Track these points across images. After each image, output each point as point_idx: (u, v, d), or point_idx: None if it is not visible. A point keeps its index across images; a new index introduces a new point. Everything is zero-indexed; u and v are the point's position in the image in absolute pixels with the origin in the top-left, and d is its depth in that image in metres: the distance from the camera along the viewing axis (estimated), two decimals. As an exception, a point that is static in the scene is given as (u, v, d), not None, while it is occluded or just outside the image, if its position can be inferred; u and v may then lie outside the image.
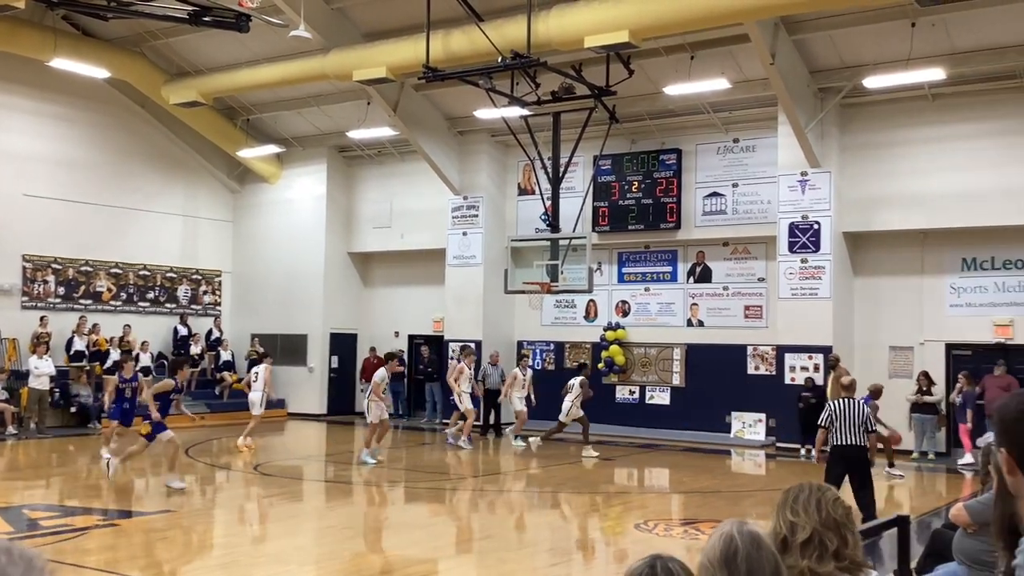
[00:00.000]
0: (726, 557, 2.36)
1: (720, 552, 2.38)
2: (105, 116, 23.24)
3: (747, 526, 2.42)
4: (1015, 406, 2.35)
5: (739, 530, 2.41)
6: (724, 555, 2.37)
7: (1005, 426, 2.35)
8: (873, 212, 18.32)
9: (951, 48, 16.58)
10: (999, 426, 2.38)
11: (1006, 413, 2.36)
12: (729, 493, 13.80)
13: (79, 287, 22.67)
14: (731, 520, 2.48)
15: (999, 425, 2.38)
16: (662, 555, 2.34)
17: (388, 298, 25.20)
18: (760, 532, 2.42)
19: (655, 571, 2.29)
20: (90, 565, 8.87)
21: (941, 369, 18.06)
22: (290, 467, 16.44)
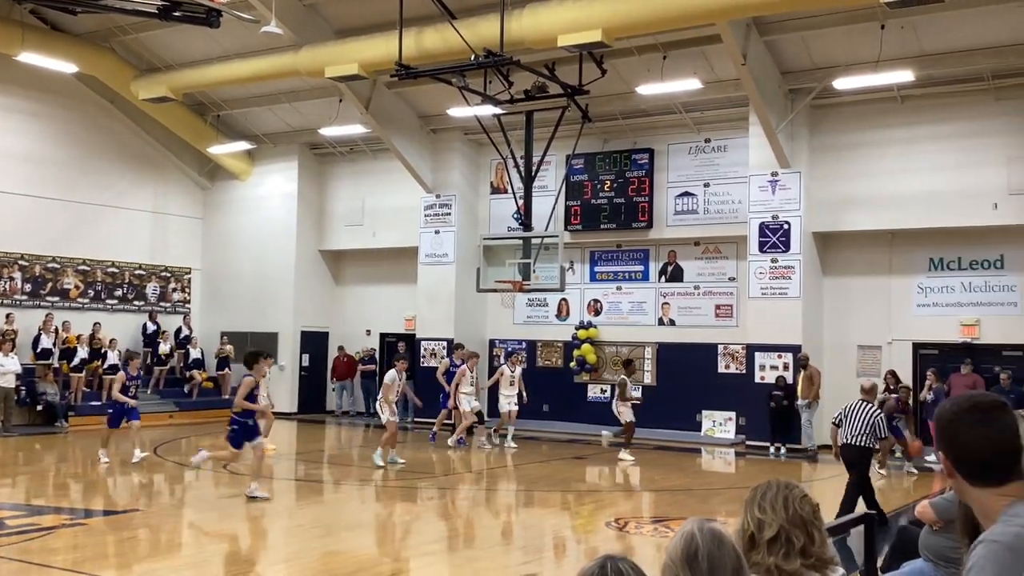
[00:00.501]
0: (688, 556, 2.38)
1: (682, 551, 2.39)
2: (74, 111, 22.97)
3: (708, 524, 2.44)
4: (948, 408, 2.40)
5: (700, 528, 2.43)
6: (686, 554, 2.38)
7: (940, 429, 2.41)
8: (842, 212, 18.49)
9: (920, 50, 16.76)
10: (936, 430, 2.43)
11: (941, 416, 2.41)
12: (699, 491, 13.88)
13: (46, 284, 22.41)
14: (693, 518, 2.50)
15: (936, 429, 2.43)
16: (613, 555, 2.34)
17: (360, 296, 25.11)
18: (721, 529, 2.44)
19: (605, 571, 2.29)
20: (57, 565, 8.77)
21: (908, 368, 18.26)
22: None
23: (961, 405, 2.39)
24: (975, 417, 2.35)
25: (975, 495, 2.37)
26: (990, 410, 2.35)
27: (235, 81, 20.90)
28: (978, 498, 2.37)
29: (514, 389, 18.74)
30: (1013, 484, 2.34)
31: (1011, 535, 2.22)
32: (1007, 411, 2.38)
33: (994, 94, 17.18)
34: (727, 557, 2.40)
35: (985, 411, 2.35)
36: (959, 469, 2.38)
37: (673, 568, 2.39)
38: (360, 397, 24.40)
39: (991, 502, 2.34)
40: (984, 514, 2.36)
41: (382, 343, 24.61)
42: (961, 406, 2.38)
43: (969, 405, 2.38)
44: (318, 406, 24.80)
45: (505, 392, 18.76)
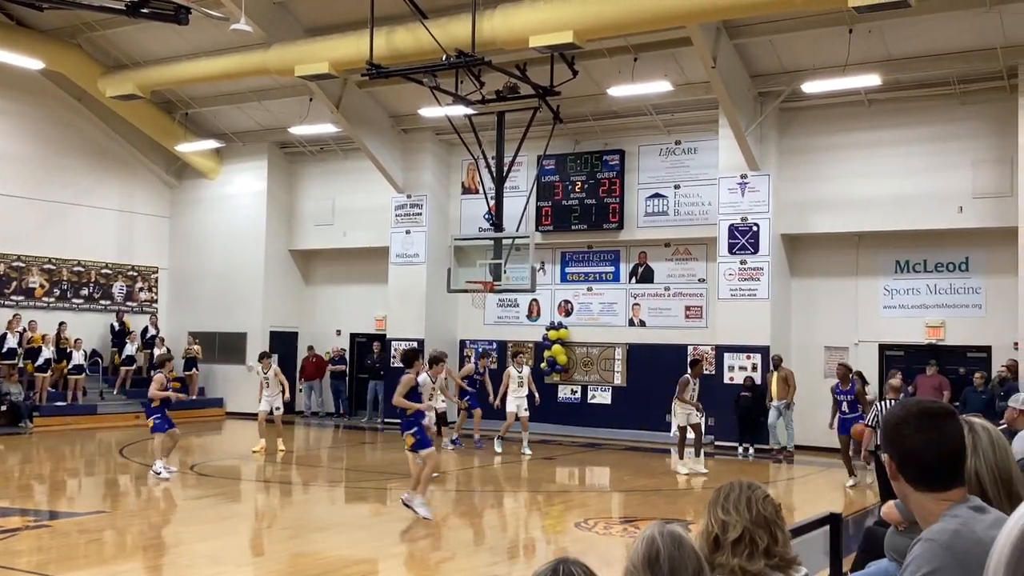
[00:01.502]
0: (649, 559, 2.40)
1: (643, 555, 2.41)
2: (39, 108, 22.68)
3: (668, 527, 2.47)
4: (896, 412, 2.43)
5: (660, 531, 2.45)
6: (647, 557, 2.40)
7: (886, 432, 2.43)
8: (810, 215, 18.65)
9: (887, 55, 16.94)
10: (882, 432, 2.46)
11: (888, 419, 2.44)
12: (669, 491, 13.94)
13: (11, 283, 22.11)
14: (654, 522, 2.53)
15: (882, 431, 2.46)
16: (567, 558, 2.36)
17: (330, 296, 24.99)
18: (681, 532, 2.47)
19: (557, 573, 2.30)
20: (20, 567, 8.66)
21: (875, 369, 18.46)
22: (228, 467, 16.21)
23: (909, 410, 2.41)
24: (922, 423, 2.37)
25: (916, 499, 2.40)
26: (937, 416, 2.38)
27: (204, 79, 20.72)
28: (919, 501, 2.40)
29: (523, 390, 18.03)
30: (954, 490, 2.37)
31: (949, 532, 2.25)
32: (955, 418, 2.42)
33: (960, 98, 17.41)
34: (688, 559, 2.42)
35: (932, 417, 2.38)
36: (903, 472, 2.41)
37: (635, 573, 2.42)
38: (329, 398, 24.29)
39: (932, 506, 2.37)
40: (923, 517, 2.40)
41: (352, 343, 24.51)
42: (909, 411, 2.41)
43: (917, 410, 2.41)
44: (287, 406, 24.59)
45: (515, 394, 17.94)
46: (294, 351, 24.87)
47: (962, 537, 2.23)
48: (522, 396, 17.95)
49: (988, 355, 17.49)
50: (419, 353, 12.54)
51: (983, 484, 2.62)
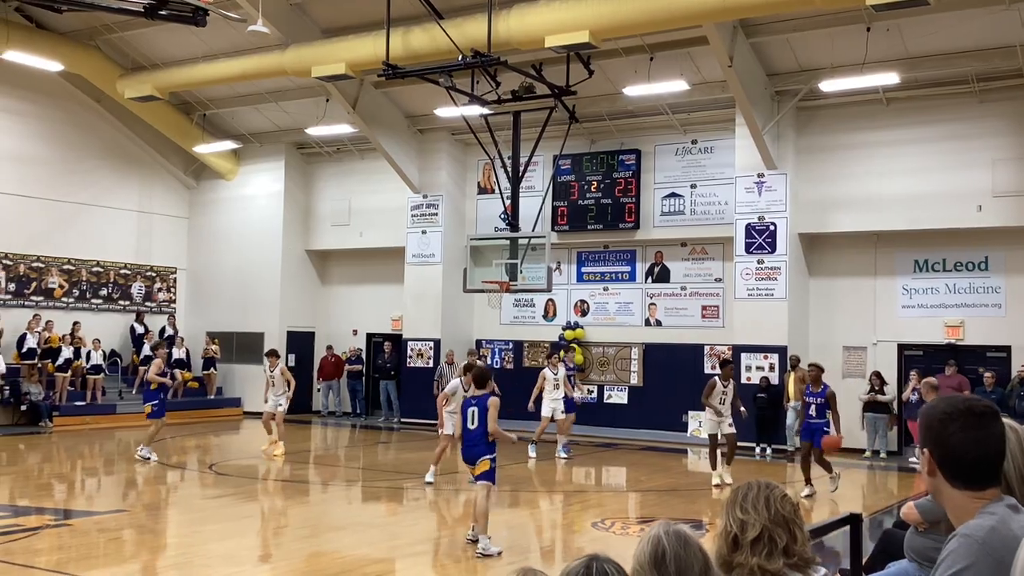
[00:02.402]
0: (655, 559, 2.40)
1: (649, 555, 2.41)
2: (59, 110, 22.85)
3: (674, 526, 2.47)
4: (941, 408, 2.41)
5: (666, 531, 2.45)
6: (653, 557, 2.40)
7: (929, 427, 2.42)
8: (828, 214, 18.56)
9: (905, 53, 16.84)
10: (923, 427, 2.44)
11: (932, 415, 2.42)
12: (686, 491, 13.91)
13: (30, 283, 22.27)
14: (660, 521, 2.53)
15: (923, 426, 2.44)
16: (599, 555, 2.34)
17: (346, 296, 25.06)
18: (687, 531, 2.47)
19: (591, 572, 2.29)
20: (40, 566, 8.72)
21: (893, 369, 18.36)
22: (245, 466, 16.28)
23: (956, 407, 2.40)
24: (969, 421, 2.36)
25: (952, 496, 2.39)
26: (983, 416, 2.37)
27: (221, 80, 20.82)
28: (954, 499, 2.38)
29: (560, 392, 17.33)
30: (991, 489, 2.36)
31: (986, 529, 2.24)
32: (999, 419, 2.41)
33: (979, 96, 17.28)
34: (693, 558, 2.42)
35: (979, 416, 2.37)
36: (943, 469, 2.39)
37: (641, 573, 2.41)
38: (346, 397, 24.36)
39: (967, 504, 2.36)
40: (957, 515, 2.38)
41: (368, 343, 24.57)
42: (956, 408, 2.39)
43: (964, 408, 2.39)
44: (304, 406, 24.73)
45: (551, 396, 17.29)
46: (311, 351, 24.96)
47: (998, 534, 2.22)
48: (558, 398, 17.31)
49: (1008, 355, 17.36)
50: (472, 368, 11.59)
51: (1010, 483, 2.61)
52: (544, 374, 17.56)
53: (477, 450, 9.78)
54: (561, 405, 17.32)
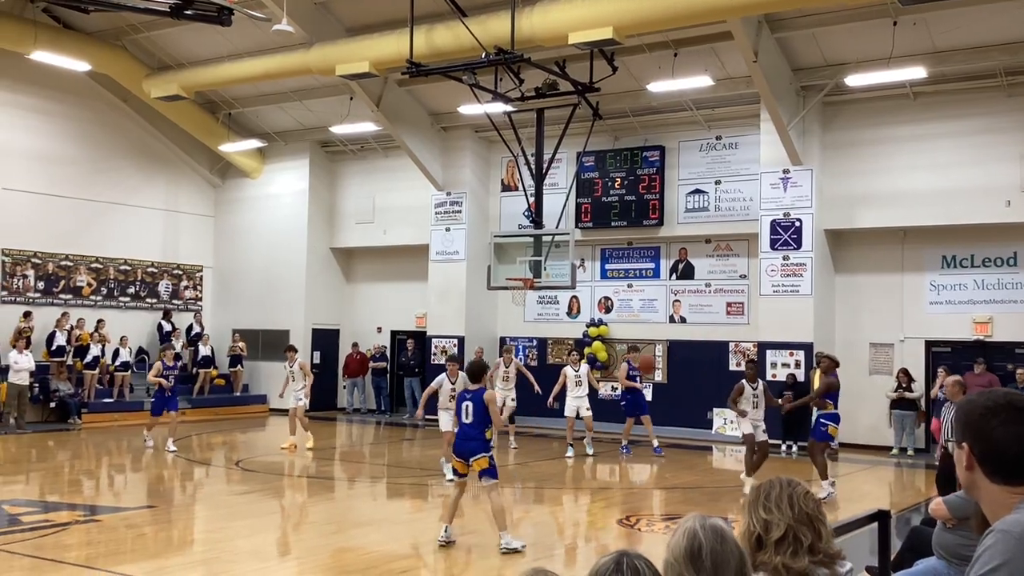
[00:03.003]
0: (691, 553, 2.35)
1: (685, 549, 2.36)
2: (86, 110, 23.07)
3: (710, 520, 2.42)
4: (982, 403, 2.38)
5: (702, 525, 2.40)
6: (689, 551, 2.35)
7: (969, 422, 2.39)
8: (854, 209, 18.43)
9: (932, 47, 16.69)
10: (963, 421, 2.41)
11: (972, 409, 2.39)
12: (711, 489, 13.86)
13: (59, 282, 22.52)
14: (693, 515, 2.46)
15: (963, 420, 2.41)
16: (628, 551, 2.30)
17: (371, 294, 25.16)
18: (723, 525, 2.41)
19: (621, 567, 2.25)
20: (70, 561, 8.83)
21: (921, 366, 18.20)
22: (272, 463, 16.39)
23: (997, 401, 2.37)
24: (1011, 416, 2.33)
25: (989, 490, 2.36)
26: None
27: (246, 79, 20.94)
28: (992, 494, 2.36)
29: (582, 390, 17.17)
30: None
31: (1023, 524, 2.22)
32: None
33: (1007, 90, 17.09)
34: (730, 554, 2.38)
35: (1020, 411, 2.34)
36: (983, 464, 2.37)
37: (676, 567, 2.36)
38: (371, 394, 24.46)
39: (1004, 499, 2.33)
40: (993, 511, 2.36)
41: (393, 340, 24.66)
42: (997, 402, 2.37)
43: (1005, 402, 2.36)
44: (329, 403, 24.86)
45: (573, 394, 17.20)
46: (335, 348, 25.08)
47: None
48: (581, 396, 17.15)
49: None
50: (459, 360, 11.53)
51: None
52: (565, 372, 17.51)
53: (471, 445, 9.75)
54: (585, 403, 17.21)
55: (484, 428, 9.74)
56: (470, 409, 9.80)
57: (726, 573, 2.35)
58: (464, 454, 9.81)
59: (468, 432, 9.79)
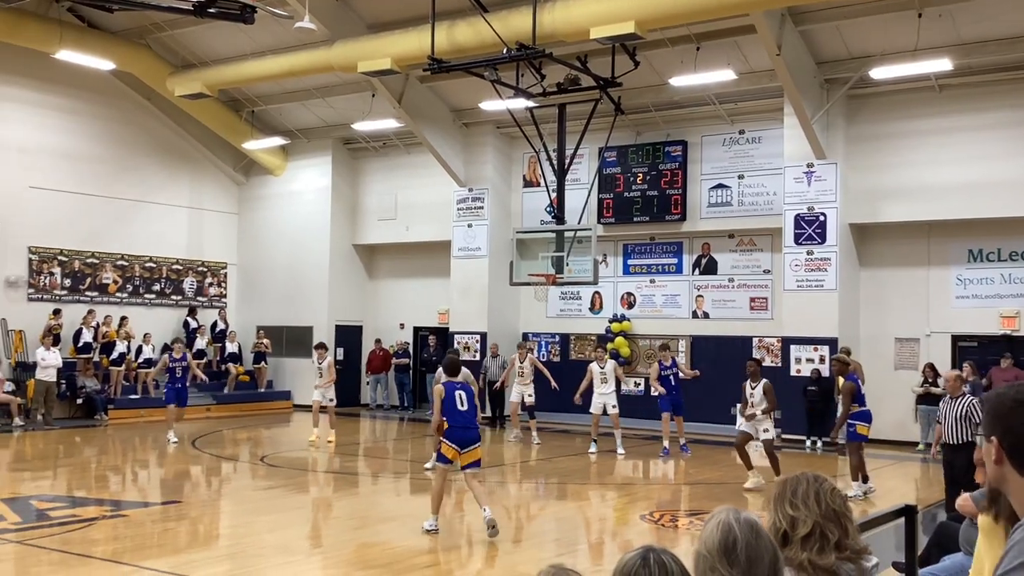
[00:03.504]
0: (725, 547, 2.31)
1: (719, 542, 2.32)
2: (110, 108, 23.25)
3: (744, 514, 2.38)
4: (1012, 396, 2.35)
5: (737, 518, 2.36)
6: (723, 545, 2.32)
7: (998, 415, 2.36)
8: (879, 204, 18.28)
9: (958, 39, 16.51)
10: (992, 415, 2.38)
11: (1002, 402, 2.36)
12: (734, 485, 13.80)
13: (85, 279, 22.72)
14: (726, 508, 2.42)
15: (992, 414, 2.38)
16: (654, 547, 2.27)
17: (393, 290, 25.22)
18: (757, 520, 2.38)
19: (648, 563, 2.23)
20: (97, 555, 8.91)
21: (947, 361, 18.02)
22: (296, 458, 16.48)
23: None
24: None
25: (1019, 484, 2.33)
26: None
27: (269, 77, 21.04)
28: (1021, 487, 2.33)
29: (608, 386, 16.90)
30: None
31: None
32: None
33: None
34: (764, 549, 2.34)
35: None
36: (1012, 457, 2.34)
37: (709, 559, 2.33)
38: (394, 390, 24.53)
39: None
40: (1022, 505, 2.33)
41: (415, 337, 24.71)
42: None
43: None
44: (353, 399, 24.96)
45: (599, 391, 16.94)
46: (359, 345, 25.17)
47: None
48: (607, 392, 16.93)
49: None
50: None
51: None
52: (591, 368, 17.37)
53: (472, 434, 9.98)
54: (612, 399, 17.03)
55: (476, 417, 10.04)
56: (463, 397, 9.99)
57: (759, 568, 2.31)
58: (465, 443, 9.94)
59: (468, 421, 10.01)
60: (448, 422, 9.99)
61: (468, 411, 10.00)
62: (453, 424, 10.00)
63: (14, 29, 19.65)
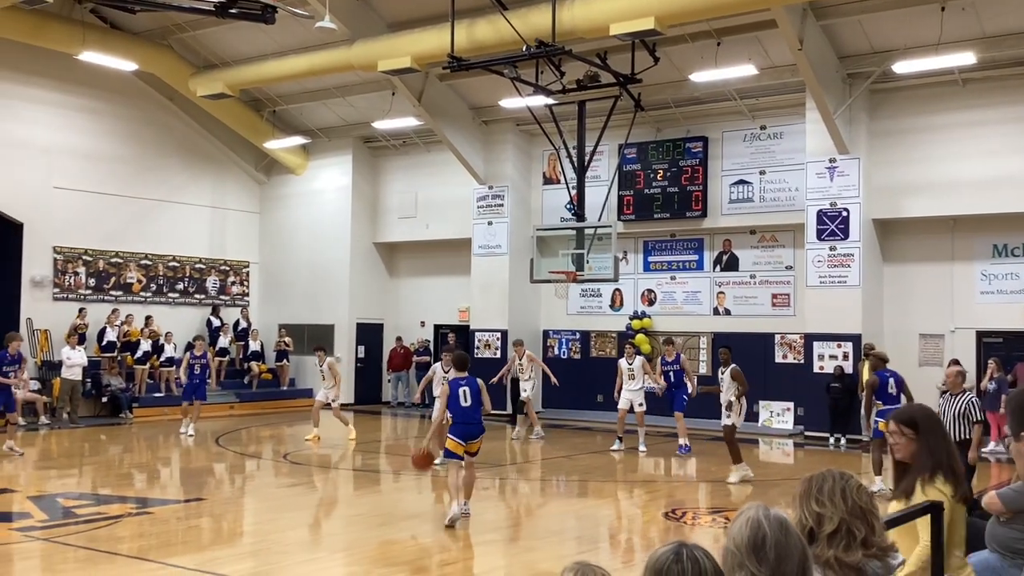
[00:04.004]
0: (754, 544, 2.30)
1: (748, 538, 2.31)
2: (133, 109, 23.42)
3: (773, 511, 2.36)
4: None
5: (766, 515, 2.34)
6: (752, 541, 2.30)
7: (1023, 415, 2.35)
8: (903, 199, 18.14)
9: (981, 32, 16.36)
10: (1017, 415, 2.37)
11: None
12: (757, 482, 13.75)
13: (110, 279, 22.91)
14: (755, 504, 2.39)
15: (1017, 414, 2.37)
16: (687, 542, 2.26)
17: (414, 288, 25.28)
18: (787, 517, 2.37)
19: (681, 559, 2.21)
20: (123, 552, 8.98)
21: (972, 357, 17.88)
22: (318, 456, 16.55)
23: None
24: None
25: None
26: None
27: (290, 76, 21.13)
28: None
29: (636, 383, 16.61)
30: None
31: None
32: None
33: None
34: (794, 547, 2.33)
35: None
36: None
37: (738, 556, 2.31)
38: (415, 388, 24.57)
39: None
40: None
41: (436, 334, 24.76)
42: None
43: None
44: (375, 397, 25.04)
45: (627, 387, 16.72)
46: (380, 342, 25.25)
47: None
48: (635, 389, 16.65)
49: (1093, 342, 16.80)
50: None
51: None
52: (620, 364, 17.11)
53: (474, 428, 10.37)
54: (639, 396, 16.77)
55: (480, 411, 10.42)
56: (467, 394, 10.37)
57: (788, 566, 2.30)
58: (468, 437, 10.33)
59: (471, 416, 10.37)
60: (452, 418, 10.39)
61: (471, 407, 10.36)
62: (456, 420, 10.38)
63: (38, 31, 19.82)
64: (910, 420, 4.50)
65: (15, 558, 8.99)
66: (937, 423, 4.62)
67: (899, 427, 4.46)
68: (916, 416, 4.55)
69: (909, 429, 4.44)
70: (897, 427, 4.48)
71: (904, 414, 4.60)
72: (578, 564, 2.35)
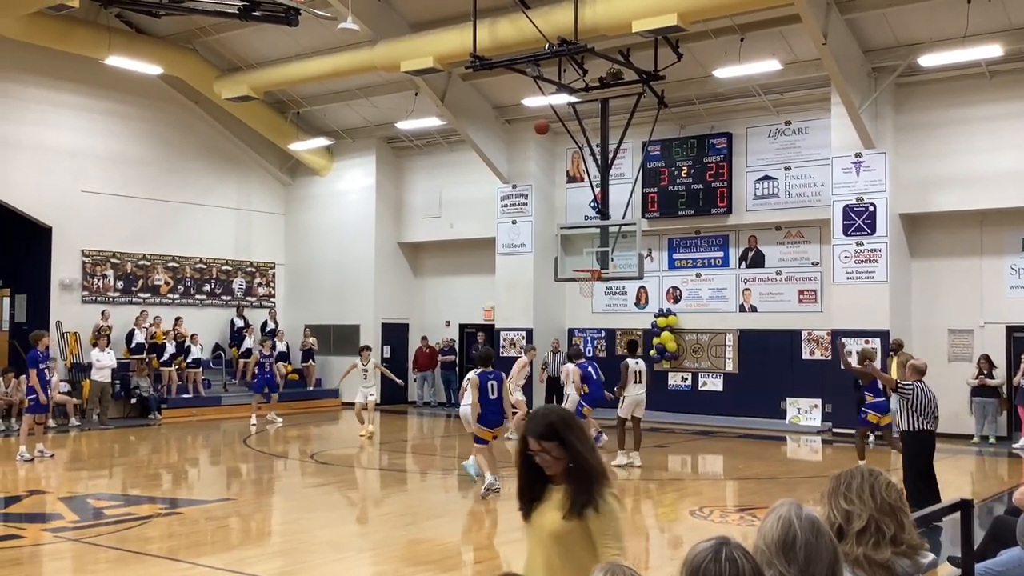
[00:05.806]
0: (784, 543, 2.27)
1: (778, 537, 2.28)
2: (159, 112, 23.61)
3: (805, 510, 2.33)
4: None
5: (798, 515, 2.31)
6: (782, 541, 2.27)
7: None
8: (930, 193, 17.97)
9: (1008, 24, 16.17)
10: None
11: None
12: (785, 479, 13.68)
13: (137, 281, 23.11)
14: (787, 502, 2.36)
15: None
16: (728, 540, 2.16)
17: (439, 287, 25.32)
18: (818, 517, 2.33)
19: (719, 559, 2.14)
20: (153, 552, 9.07)
21: (1002, 352, 17.69)
22: (345, 455, 16.63)
23: None
24: None
25: None
26: None
27: (314, 78, 21.23)
28: None
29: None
30: None
31: None
32: None
33: (1090, 66, 16.49)
34: (824, 548, 2.29)
35: None
36: None
37: (767, 554, 2.28)
38: (441, 387, 24.64)
39: None
40: None
41: (461, 334, 24.79)
42: None
43: None
44: (400, 396, 25.09)
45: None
46: (405, 342, 25.32)
47: None
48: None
49: None
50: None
51: None
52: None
53: (498, 417, 11.99)
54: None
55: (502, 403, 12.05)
56: (495, 387, 11.93)
57: (818, 567, 2.26)
58: (493, 424, 11.95)
59: (495, 407, 11.94)
60: (481, 408, 11.85)
61: (496, 399, 11.91)
62: (484, 410, 11.87)
63: (64, 36, 20.02)
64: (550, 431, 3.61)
65: (47, 558, 9.10)
66: (579, 426, 3.66)
67: (539, 443, 3.62)
68: (555, 424, 3.63)
69: (550, 442, 3.61)
70: (538, 443, 3.62)
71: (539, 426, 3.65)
72: (608, 564, 2.34)
